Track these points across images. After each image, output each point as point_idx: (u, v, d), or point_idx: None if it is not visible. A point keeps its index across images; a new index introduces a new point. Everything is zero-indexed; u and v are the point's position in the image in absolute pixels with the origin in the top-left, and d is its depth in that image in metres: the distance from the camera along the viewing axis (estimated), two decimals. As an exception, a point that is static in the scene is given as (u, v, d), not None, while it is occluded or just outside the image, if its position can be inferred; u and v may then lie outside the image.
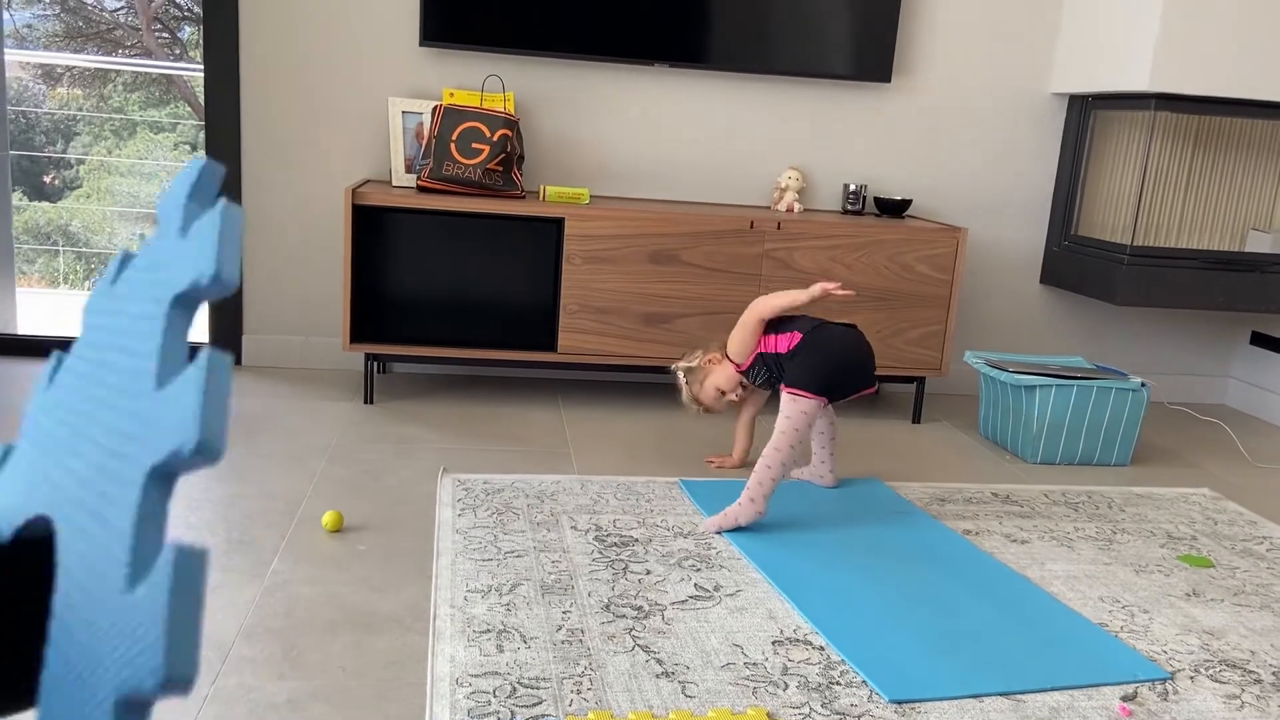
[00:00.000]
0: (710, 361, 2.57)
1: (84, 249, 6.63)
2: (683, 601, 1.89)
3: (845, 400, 2.45)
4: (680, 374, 2.62)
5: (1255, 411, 3.64)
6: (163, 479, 0.51)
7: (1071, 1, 3.37)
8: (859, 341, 2.43)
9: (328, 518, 2.07)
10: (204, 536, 2.03)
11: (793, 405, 2.28)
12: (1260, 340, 3.66)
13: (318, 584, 1.86)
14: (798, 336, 2.40)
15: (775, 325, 2.47)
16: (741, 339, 2.49)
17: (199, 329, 3.35)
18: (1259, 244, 3.38)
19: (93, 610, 0.50)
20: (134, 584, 0.49)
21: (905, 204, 3.35)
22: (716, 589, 1.95)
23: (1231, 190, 3.46)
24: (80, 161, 6.98)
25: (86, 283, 6.32)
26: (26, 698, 0.60)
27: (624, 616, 1.82)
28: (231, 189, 3.21)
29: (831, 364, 2.35)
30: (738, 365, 2.52)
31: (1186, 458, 3.07)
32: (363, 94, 3.19)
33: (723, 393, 2.55)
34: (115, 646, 0.48)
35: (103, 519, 0.52)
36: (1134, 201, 3.20)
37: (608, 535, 2.16)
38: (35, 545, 0.59)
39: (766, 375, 2.50)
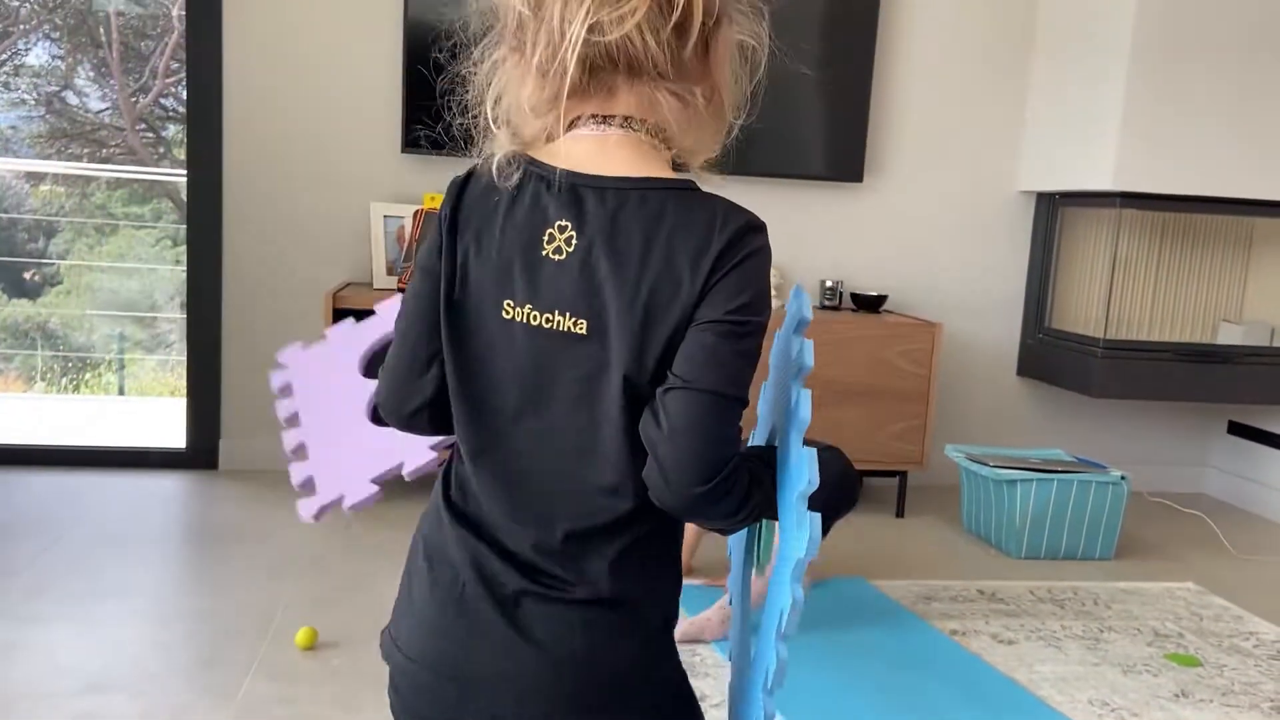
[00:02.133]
0: None
1: (62, 348, 6.59)
2: (667, 715, 1.85)
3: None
4: None
5: (1235, 501, 3.65)
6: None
7: (1035, 103, 3.48)
8: (839, 463, 2.38)
9: (301, 635, 2.03)
10: (174, 655, 1.98)
11: None
12: (1237, 429, 3.69)
13: (291, 704, 1.81)
14: None
15: None
16: None
17: (175, 431, 3.33)
18: (1230, 336, 3.44)
19: None
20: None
21: (881, 299, 3.40)
22: (702, 698, 1.90)
23: (1201, 283, 3.53)
24: (61, 258, 6.99)
25: (64, 380, 6.27)
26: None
27: None
28: (212, 291, 3.22)
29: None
30: None
31: (1169, 550, 3.07)
32: (344, 198, 3.23)
33: None
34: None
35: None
36: (1105, 295, 3.26)
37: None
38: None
39: None
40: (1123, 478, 2.90)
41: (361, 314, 2.87)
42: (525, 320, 0.85)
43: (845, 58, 3.34)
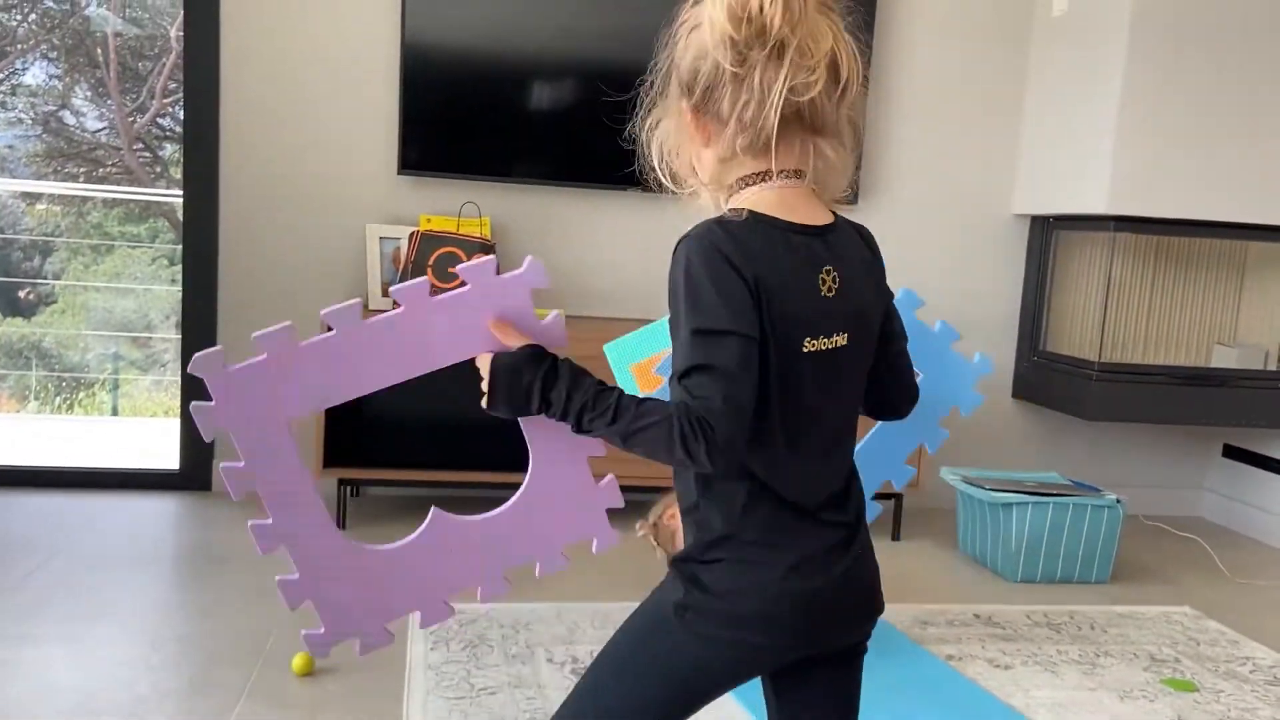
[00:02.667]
0: (671, 517, 2.43)
1: (56, 367, 6.57)
2: (662, 741, 1.83)
3: None
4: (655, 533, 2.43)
5: (1230, 524, 3.65)
6: None
7: (1030, 126, 3.50)
8: None
9: (298, 661, 2.01)
10: (167, 678, 1.97)
11: None
12: (1232, 453, 3.69)
13: (284, 729, 1.80)
14: None
15: None
16: None
17: (169, 452, 3.32)
18: (1224, 359, 3.45)
19: None
20: None
21: (877, 322, 3.40)
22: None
23: (1195, 306, 3.54)
24: (57, 278, 6.99)
25: (57, 400, 6.25)
26: None
27: (601, 759, 1.76)
28: (207, 311, 3.22)
29: None
30: None
31: (1165, 574, 3.06)
32: (341, 221, 3.23)
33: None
34: None
35: None
36: (1099, 318, 3.27)
37: (584, 668, 2.11)
38: None
39: None
40: (1118, 501, 2.90)
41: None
42: (819, 349, 1.06)
43: (840, 82, 3.36)
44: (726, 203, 1.08)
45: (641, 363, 1.74)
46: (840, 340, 1.08)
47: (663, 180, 1.14)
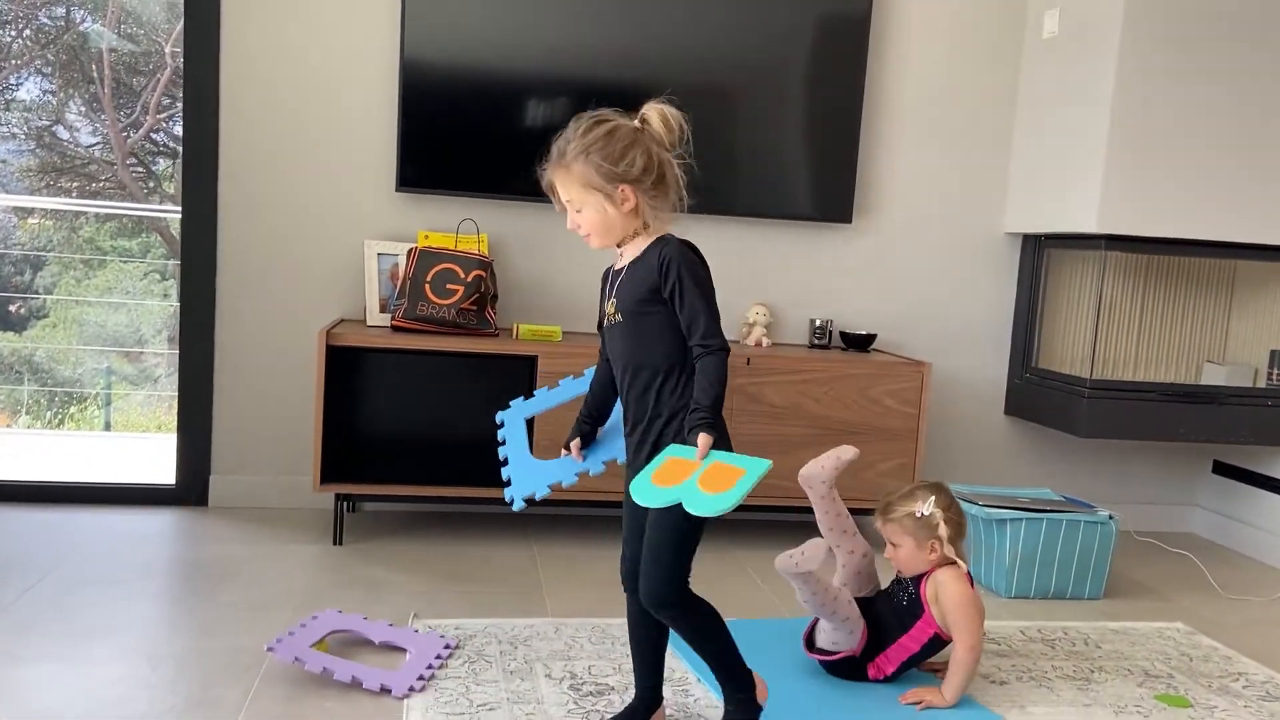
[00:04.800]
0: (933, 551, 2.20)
1: (48, 381, 6.55)
2: (661, 757, 1.84)
3: None
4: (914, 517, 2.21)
5: (1222, 540, 3.68)
6: None
7: (1021, 145, 3.54)
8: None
9: None
10: (164, 695, 1.96)
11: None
12: (1222, 469, 3.72)
13: (283, 746, 1.80)
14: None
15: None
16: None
17: (164, 467, 3.31)
18: (1214, 376, 3.48)
19: None
20: None
21: (870, 338, 3.43)
22: (695, 742, 1.90)
23: (1185, 324, 3.58)
24: (49, 292, 6.97)
25: (49, 414, 6.23)
26: None
27: (601, 775, 1.76)
28: (204, 327, 3.22)
29: None
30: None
31: (1158, 590, 3.08)
32: (339, 237, 3.25)
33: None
34: None
35: None
36: (1091, 336, 3.30)
37: (583, 684, 2.11)
38: None
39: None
40: (1111, 517, 2.92)
41: (356, 351, 2.88)
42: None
43: (833, 100, 3.39)
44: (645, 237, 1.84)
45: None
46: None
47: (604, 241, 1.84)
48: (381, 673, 2.06)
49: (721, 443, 1.69)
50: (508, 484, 1.97)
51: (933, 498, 2.17)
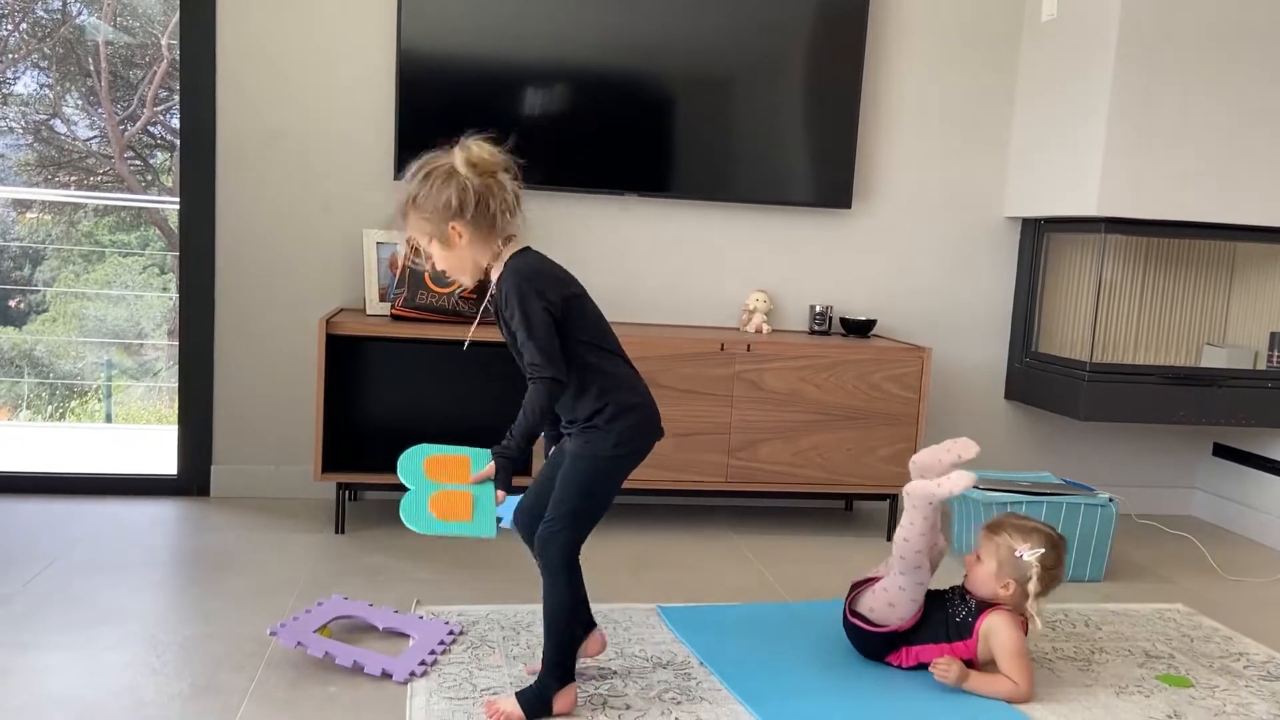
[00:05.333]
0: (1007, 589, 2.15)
1: (49, 375, 6.56)
2: (664, 739, 1.85)
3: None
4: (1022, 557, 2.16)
5: (1222, 522, 3.68)
6: None
7: (1020, 130, 3.54)
8: None
9: None
10: (169, 682, 1.97)
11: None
12: (1222, 452, 3.73)
13: (288, 731, 1.81)
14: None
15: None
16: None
17: (165, 458, 3.32)
18: (1214, 359, 3.48)
19: None
20: None
21: (870, 324, 3.43)
22: (698, 724, 1.91)
23: (1184, 307, 3.58)
24: (48, 286, 6.97)
25: (50, 408, 6.23)
26: None
27: (605, 757, 1.77)
28: (204, 318, 3.23)
29: None
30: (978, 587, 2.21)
31: (1158, 572, 3.09)
32: (337, 225, 3.24)
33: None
34: None
35: None
36: (1090, 319, 3.30)
37: (584, 668, 2.12)
38: None
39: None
40: (1111, 500, 2.93)
41: (355, 340, 2.88)
42: None
43: (832, 85, 3.39)
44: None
45: (439, 457, 1.95)
46: None
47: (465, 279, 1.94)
48: (384, 658, 2.07)
49: (517, 472, 1.87)
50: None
51: (1042, 550, 2.11)
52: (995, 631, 2.12)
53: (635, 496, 3.33)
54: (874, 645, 2.20)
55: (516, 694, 1.89)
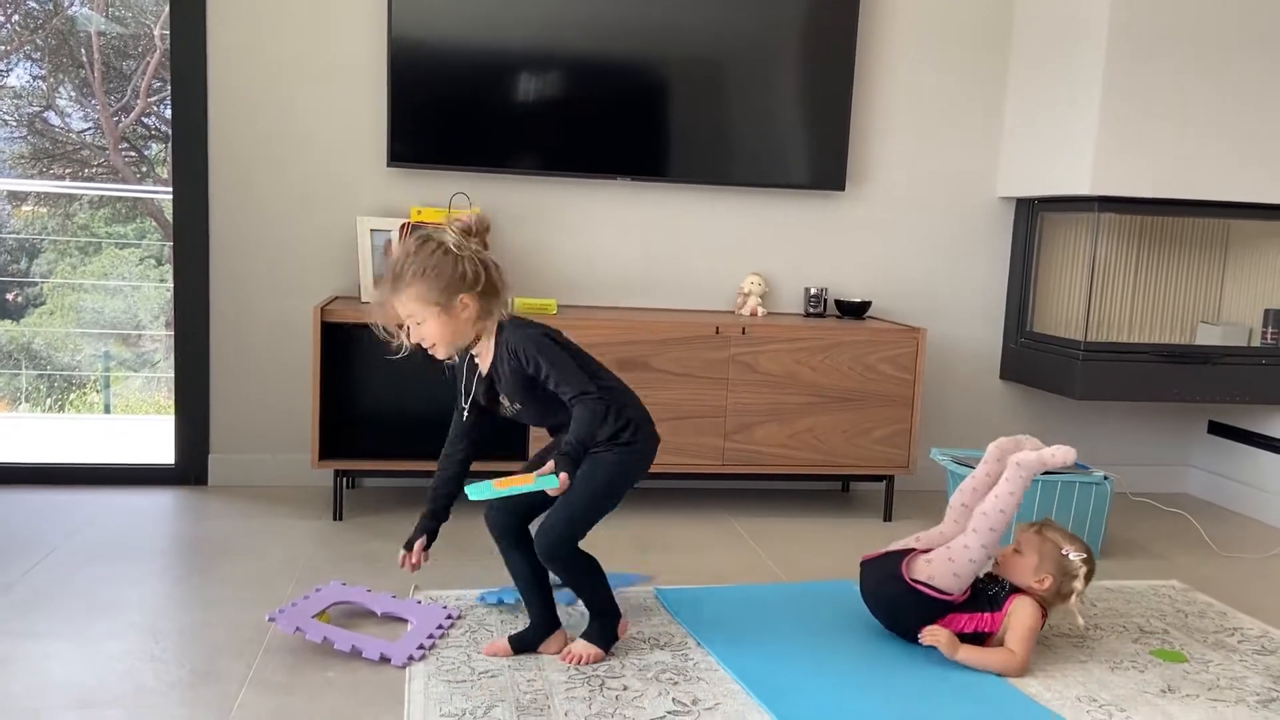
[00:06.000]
0: (1041, 583, 2.21)
1: (47, 368, 6.56)
2: (661, 718, 1.86)
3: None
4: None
5: (1216, 499, 3.70)
6: None
7: (1014, 110, 3.53)
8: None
9: None
10: (168, 669, 1.99)
11: None
12: (1217, 429, 3.74)
13: (287, 716, 1.82)
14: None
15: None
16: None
17: (164, 448, 3.33)
18: (1209, 336, 3.49)
19: None
20: None
21: (865, 306, 3.43)
22: (695, 702, 1.93)
23: (1179, 285, 3.58)
24: (45, 279, 6.96)
25: (49, 401, 6.24)
26: None
27: (602, 737, 1.79)
28: (199, 307, 3.23)
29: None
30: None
31: (1153, 549, 3.10)
32: (331, 214, 3.24)
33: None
34: None
35: None
36: (1085, 298, 3.30)
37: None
38: None
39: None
40: (1106, 478, 2.94)
41: (351, 328, 2.89)
42: None
43: (825, 67, 3.38)
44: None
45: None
46: None
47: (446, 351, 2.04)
48: (382, 643, 2.09)
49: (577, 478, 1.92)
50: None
51: (1086, 555, 2.21)
52: (1018, 610, 2.16)
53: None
54: (930, 612, 2.18)
55: (582, 636, 2.10)
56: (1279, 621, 2.53)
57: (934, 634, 2.14)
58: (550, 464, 1.90)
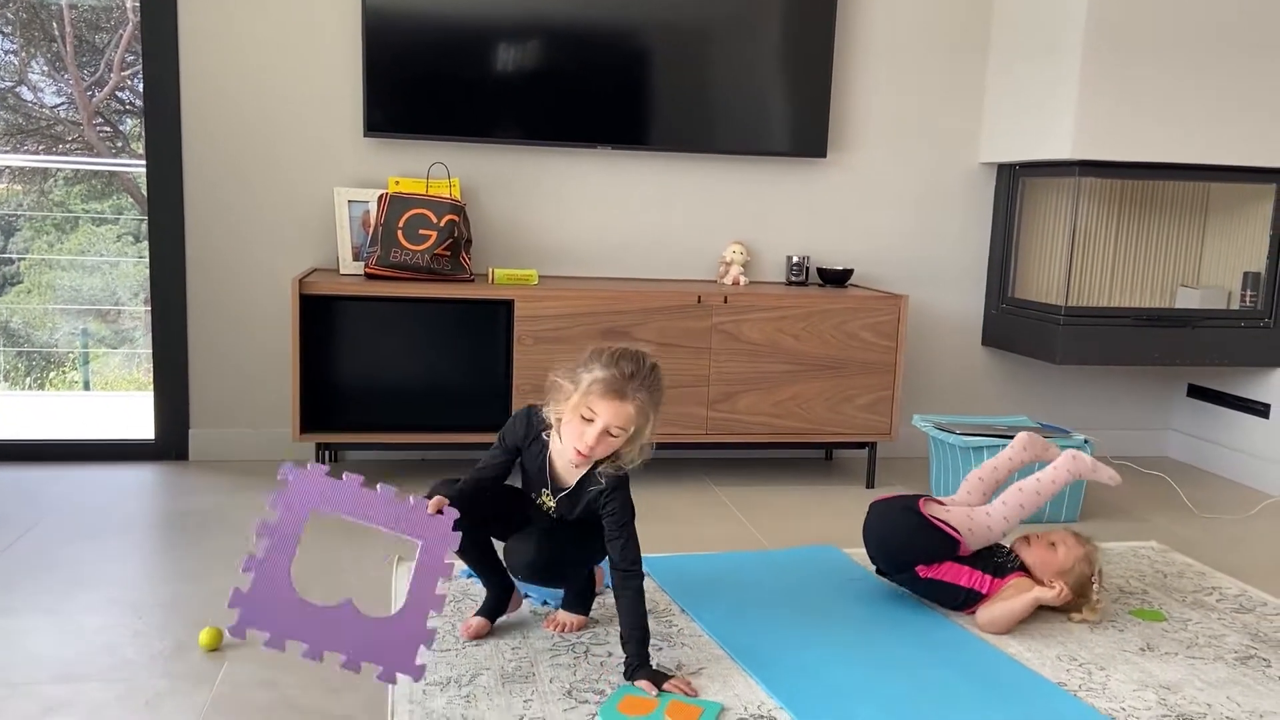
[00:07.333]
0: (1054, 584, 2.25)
1: (25, 345, 6.51)
2: (645, 683, 1.87)
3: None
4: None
5: (1196, 462, 3.73)
6: None
7: (995, 75, 3.52)
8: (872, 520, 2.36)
9: (205, 636, 1.94)
10: (149, 642, 1.98)
11: None
12: (1197, 392, 3.76)
13: (271, 687, 1.82)
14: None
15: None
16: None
17: (144, 424, 3.30)
18: (1188, 300, 3.50)
19: None
20: None
21: (847, 274, 3.43)
22: (679, 667, 1.94)
23: (1158, 249, 3.60)
24: (21, 258, 6.89)
25: (28, 380, 6.18)
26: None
27: (586, 702, 1.80)
28: (176, 282, 3.20)
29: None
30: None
31: (1133, 511, 3.13)
32: (308, 185, 3.21)
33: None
34: None
35: None
36: (1065, 263, 3.31)
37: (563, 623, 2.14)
38: None
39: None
40: (1086, 441, 2.95)
41: (330, 300, 2.87)
42: None
43: (806, 34, 3.36)
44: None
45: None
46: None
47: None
48: (370, 646, 1.74)
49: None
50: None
51: (1102, 595, 2.27)
52: (1020, 589, 2.20)
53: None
54: (936, 547, 2.21)
55: (562, 606, 2.13)
56: (1257, 580, 2.56)
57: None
58: (643, 683, 1.81)
